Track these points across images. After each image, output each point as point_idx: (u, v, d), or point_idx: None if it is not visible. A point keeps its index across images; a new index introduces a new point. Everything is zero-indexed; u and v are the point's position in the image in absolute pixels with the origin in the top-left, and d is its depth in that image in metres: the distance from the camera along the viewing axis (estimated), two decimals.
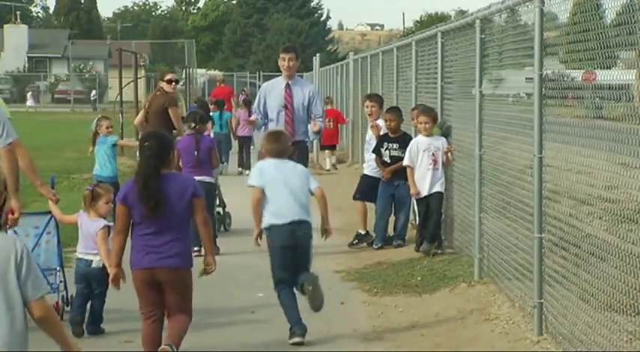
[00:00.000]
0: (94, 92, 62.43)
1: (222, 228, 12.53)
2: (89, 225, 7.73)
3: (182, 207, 6.45)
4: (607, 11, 6.06)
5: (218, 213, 12.50)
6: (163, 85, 12.37)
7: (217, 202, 12.44)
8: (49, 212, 8.15)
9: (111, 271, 6.67)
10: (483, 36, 9.15)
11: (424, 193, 10.69)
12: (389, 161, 11.43)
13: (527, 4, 7.40)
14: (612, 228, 5.84)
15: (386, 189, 11.54)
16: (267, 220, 7.47)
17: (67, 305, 8.08)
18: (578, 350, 6.22)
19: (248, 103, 22.24)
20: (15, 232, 7.48)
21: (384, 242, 11.36)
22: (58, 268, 8.13)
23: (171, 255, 6.44)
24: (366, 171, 12.05)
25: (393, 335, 7.55)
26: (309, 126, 11.02)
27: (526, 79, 7.81)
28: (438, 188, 10.64)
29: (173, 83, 12.46)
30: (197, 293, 8.97)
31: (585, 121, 6.41)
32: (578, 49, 6.50)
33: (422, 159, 10.71)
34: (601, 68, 6.25)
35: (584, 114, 6.53)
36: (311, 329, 7.83)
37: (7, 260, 4.24)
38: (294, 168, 7.58)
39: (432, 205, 10.60)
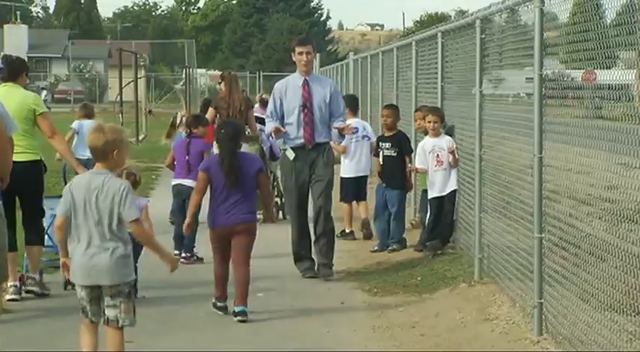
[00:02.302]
0: (44, 93, 57.87)
1: (280, 216, 13.29)
2: None
3: (251, 179, 8.16)
4: (607, 11, 6.05)
5: (276, 203, 13.41)
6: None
7: (276, 193, 13.50)
8: (61, 196, 8.55)
9: (187, 221, 8.39)
10: (483, 36, 9.15)
11: (434, 194, 10.66)
12: (382, 162, 11.45)
13: (527, 4, 7.40)
14: (612, 228, 5.84)
15: (378, 192, 11.60)
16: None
17: None
18: (578, 350, 6.22)
19: (266, 104, 22.43)
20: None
21: (384, 246, 11.35)
22: None
23: (245, 213, 8.14)
24: (342, 174, 12.47)
25: (393, 335, 7.55)
26: (333, 128, 9.90)
27: (526, 78, 7.81)
28: (450, 188, 10.56)
29: None
30: (197, 293, 9.01)
31: (585, 121, 6.41)
32: (578, 49, 6.49)
33: (428, 161, 10.69)
34: (601, 68, 6.25)
35: (584, 114, 6.53)
36: (311, 329, 7.84)
37: (109, 197, 5.92)
38: None
39: (446, 206, 10.56)
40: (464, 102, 10.28)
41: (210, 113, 12.77)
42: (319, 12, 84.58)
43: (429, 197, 10.72)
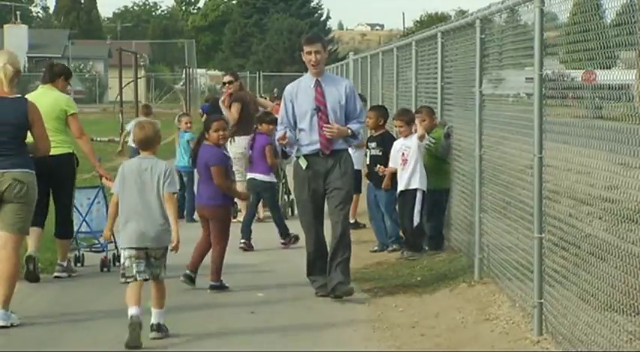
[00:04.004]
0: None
1: (289, 213, 13.92)
2: None
3: (205, 170, 9.37)
4: (607, 11, 6.05)
5: (285, 200, 14.07)
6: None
7: (285, 190, 14.08)
8: (98, 186, 10.58)
9: None
10: (483, 36, 9.15)
11: (399, 190, 10.76)
12: (368, 161, 11.56)
13: (527, 4, 7.40)
14: (612, 228, 5.84)
15: (368, 193, 11.67)
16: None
17: (117, 261, 9.74)
18: (578, 350, 6.22)
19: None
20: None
21: (384, 245, 11.36)
22: None
23: (204, 198, 9.39)
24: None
25: (393, 335, 7.55)
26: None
27: (526, 78, 7.81)
28: (412, 185, 10.58)
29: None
30: (197, 292, 9.02)
31: (585, 121, 6.41)
32: (578, 49, 6.49)
33: (397, 159, 10.78)
34: (601, 68, 6.24)
35: (584, 114, 6.52)
36: (311, 329, 7.84)
37: (156, 176, 7.37)
38: None
39: (407, 205, 10.61)
40: (464, 102, 10.28)
41: (236, 108, 13.61)
42: (319, 12, 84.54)
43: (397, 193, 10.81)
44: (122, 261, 7.44)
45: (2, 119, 8.00)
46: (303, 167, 8.90)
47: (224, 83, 14.36)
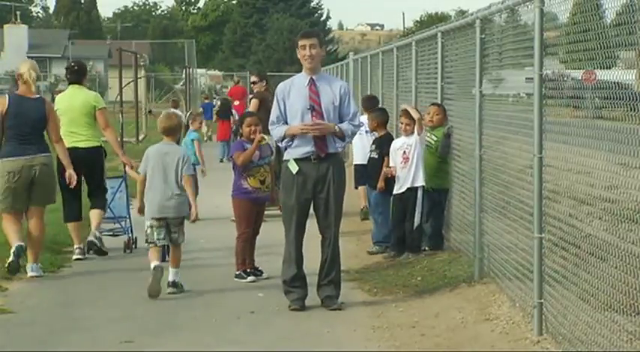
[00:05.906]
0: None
1: None
2: None
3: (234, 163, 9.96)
4: (607, 11, 6.06)
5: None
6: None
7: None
8: (121, 176, 11.65)
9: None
10: (483, 36, 9.15)
11: (395, 192, 10.72)
12: (365, 163, 11.61)
13: (527, 4, 7.40)
14: (612, 228, 5.84)
15: (368, 195, 11.78)
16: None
17: (134, 244, 11.19)
18: (578, 350, 6.23)
19: None
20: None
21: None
22: (127, 216, 11.41)
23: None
24: (355, 161, 13.21)
25: (393, 335, 7.55)
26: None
27: (526, 78, 7.81)
28: (410, 184, 10.54)
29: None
30: (197, 293, 9.02)
31: (585, 121, 6.41)
32: (578, 49, 6.49)
33: (396, 158, 10.75)
34: (601, 68, 6.24)
35: (584, 115, 6.52)
36: (311, 329, 7.84)
37: (175, 159, 8.94)
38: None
39: (409, 206, 10.57)
40: (464, 102, 10.28)
41: (254, 104, 13.98)
42: (319, 12, 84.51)
43: (393, 193, 10.77)
44: (146, 228, 8.99)
45: (28, 115, 9.84)
46: (294, 172, 8.36)
47: (252, 82, 15.19)
